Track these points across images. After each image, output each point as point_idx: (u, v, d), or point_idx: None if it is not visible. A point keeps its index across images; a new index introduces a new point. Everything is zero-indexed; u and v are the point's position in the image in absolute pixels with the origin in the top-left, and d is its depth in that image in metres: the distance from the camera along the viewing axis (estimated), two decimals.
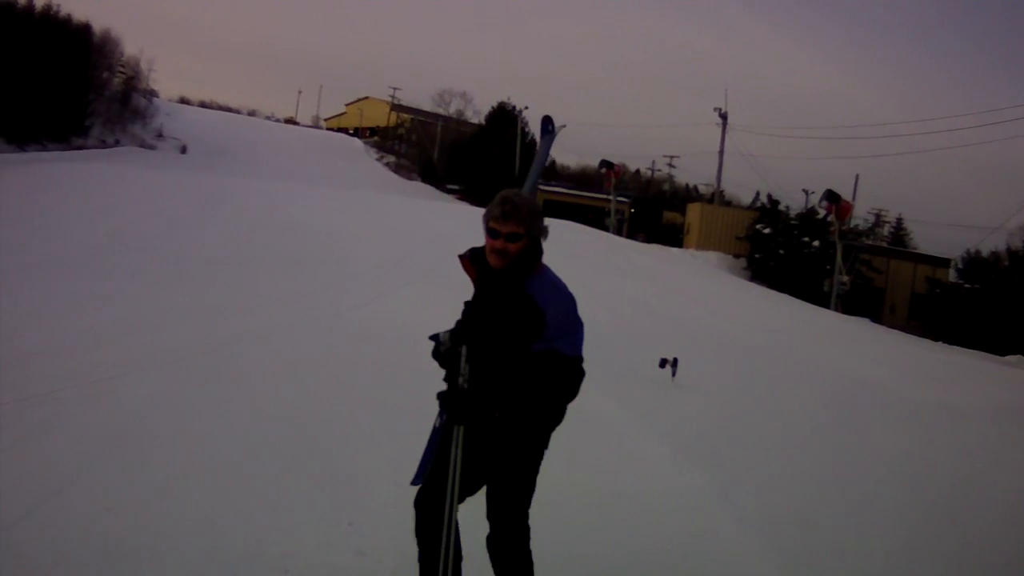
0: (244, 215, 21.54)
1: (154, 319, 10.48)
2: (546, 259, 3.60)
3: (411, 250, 19.98)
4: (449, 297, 13.81)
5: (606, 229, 41.43)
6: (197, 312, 11.24)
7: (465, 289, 3.74)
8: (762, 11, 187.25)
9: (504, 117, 63.97)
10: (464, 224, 27.38)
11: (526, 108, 63.11)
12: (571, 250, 24.16)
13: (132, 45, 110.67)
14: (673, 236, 46.04)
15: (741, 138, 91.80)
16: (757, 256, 40.60)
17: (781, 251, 40.14)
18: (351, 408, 7.69)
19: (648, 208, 54.64)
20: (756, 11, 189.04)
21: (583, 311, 3.54)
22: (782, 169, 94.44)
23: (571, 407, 3.50)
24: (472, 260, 3.67)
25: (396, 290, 14.86)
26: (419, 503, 3.67)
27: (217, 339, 9.69)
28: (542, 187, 58.83)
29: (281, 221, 21.31)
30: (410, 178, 64.19)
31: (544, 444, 3.62)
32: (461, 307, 3.70)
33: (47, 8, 46.42)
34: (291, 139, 72.67)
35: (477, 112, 76.46)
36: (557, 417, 3.55)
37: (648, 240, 42.20)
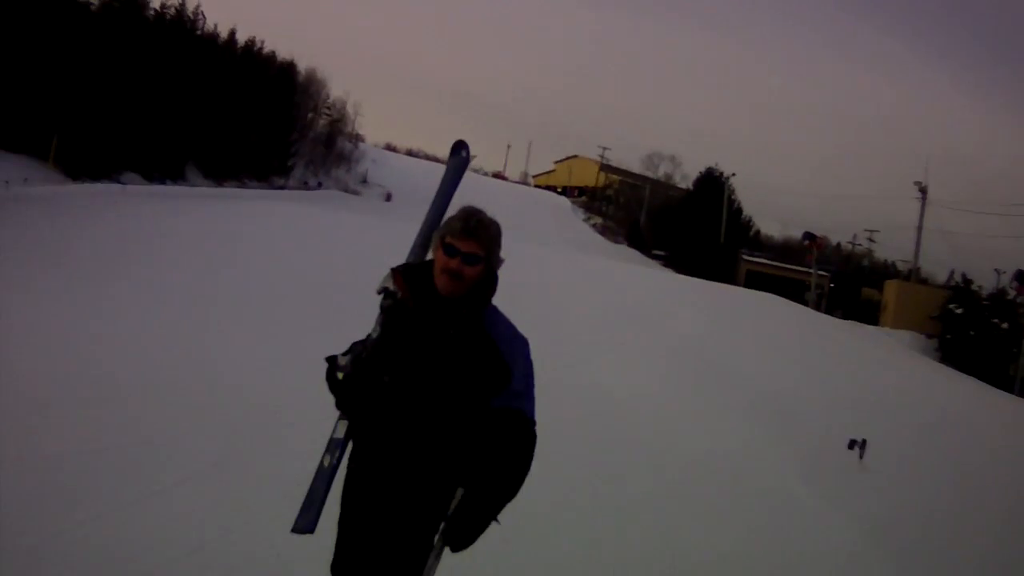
0: None
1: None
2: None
3: (613, 314, 19.67)
4: (652, 363, 13.87)
5: (805, 303, 40.10)
6: None
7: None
8: (965, 83, 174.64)
9: (712, 183, 61.33)
10: (667, 291, 27.11)
11: (733, 175, 61.67)
12: (771, 324, 23.80)
13: (338, 87, 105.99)
14: (870, 313, 44.06)
15: (941, 214, 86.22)
16: (948, 337, 37.87)
17: (972, 332, 37.40)
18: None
19: (847, 283, 52.65)
20: (958, 83, 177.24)
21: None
22: (980, 246, 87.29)
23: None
24: (406, 277, 2.90)
25: (599, 354, 14.46)
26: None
27: None
28: (746, 257, 57.65)
29: None
30: (616, 241, 62.80)
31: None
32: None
33: (249, 44, 44.38)
34: (499, 194, 67.57)
35: (685, 176, 74.33)
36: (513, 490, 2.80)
37: (845, 316, 40.52)
